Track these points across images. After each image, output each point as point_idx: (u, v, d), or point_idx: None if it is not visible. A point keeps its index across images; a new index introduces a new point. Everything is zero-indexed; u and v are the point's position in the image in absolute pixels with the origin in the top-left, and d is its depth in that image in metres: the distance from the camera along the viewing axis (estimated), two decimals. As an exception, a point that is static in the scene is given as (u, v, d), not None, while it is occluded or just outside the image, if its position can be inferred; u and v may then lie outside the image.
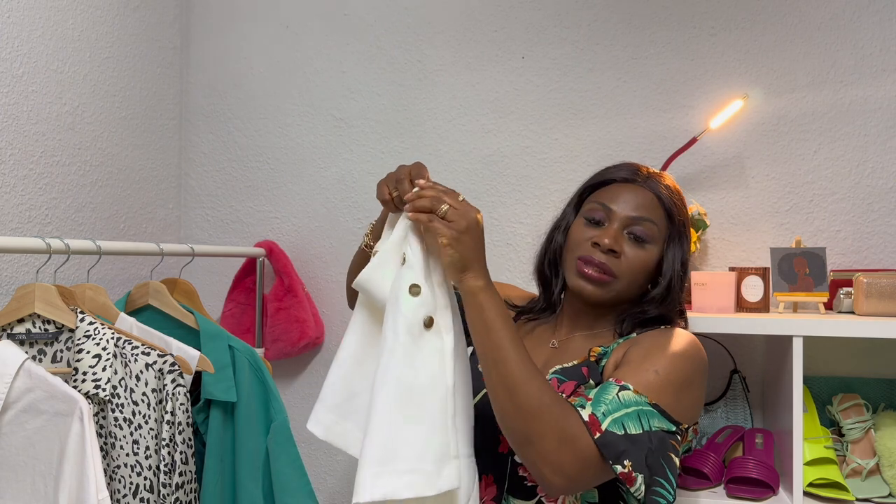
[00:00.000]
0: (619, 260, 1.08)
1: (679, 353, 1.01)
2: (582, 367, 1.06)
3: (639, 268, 1.09)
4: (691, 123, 1.78)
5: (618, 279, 1.08)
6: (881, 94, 1.70)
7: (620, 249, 1.08)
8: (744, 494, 1.46)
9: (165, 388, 1.26)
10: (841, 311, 1.55)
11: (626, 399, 0.94)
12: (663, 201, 1.11)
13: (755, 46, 1.77)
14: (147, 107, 1.97)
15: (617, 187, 1.13)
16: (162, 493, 1.23)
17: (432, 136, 1.96)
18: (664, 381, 0.97)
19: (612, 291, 1.09)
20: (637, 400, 0.94)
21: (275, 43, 2.08)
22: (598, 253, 1.08)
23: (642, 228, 1.09)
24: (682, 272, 1.12)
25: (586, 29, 1.87)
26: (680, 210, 1.13)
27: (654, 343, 1.03)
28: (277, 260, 1.97)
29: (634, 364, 0.99)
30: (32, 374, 1.12)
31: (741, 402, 1.69)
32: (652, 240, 1.09)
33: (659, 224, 1.10)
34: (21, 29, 1.55)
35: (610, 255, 1.08)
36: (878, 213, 1.70)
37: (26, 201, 1.56)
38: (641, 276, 1.10)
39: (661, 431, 0.94)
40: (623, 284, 1.09)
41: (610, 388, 0.96)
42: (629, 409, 0.93)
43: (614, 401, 0.94)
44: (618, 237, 1.08)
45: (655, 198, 1.11)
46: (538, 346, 1.16)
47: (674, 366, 0.99)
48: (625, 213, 1.10)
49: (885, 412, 1.56)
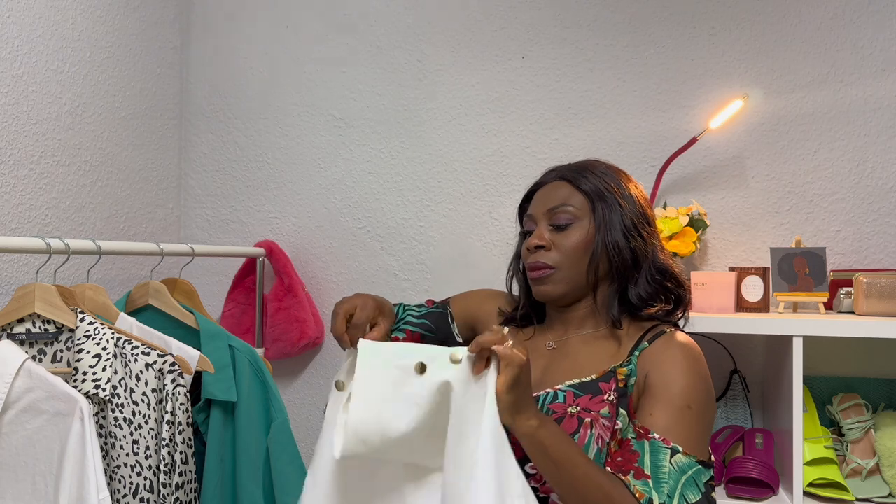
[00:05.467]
0: (549, 252, 1.11)
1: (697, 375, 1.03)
2: (600, 383, 1.06)
3: (571, 250, 1.11)
4: (691, 123, 1.78)
5: (557, 269, 1.11)
6: (881, 94, 1.70)
7: (546, 242, 1.12)
8: (744, 494, 1.46)
9: (165, 388, 1.26)
10: (841, 311, 1.55)
11: (680, 465, 0.96)
12: (571, 181, 1.14)
13: (755, 46, 1.77)
14: (147, 107, 1.97)
15: (535, 195, 1.19)
16: (162, 493, 1.23)
17: (432, 136, 1.96)
18: (696, 418, 1.00)
19: (559, 282, 1.11)
20: (689, 463, 0.97)
21: (275, 43, 2.07)
22: (531, 255, 1.13)
23: (558, 215, 1.12)
24: (626, 234, 1.10)
25: (586, 29, 1.87)
26: (598, 178, 1.13)
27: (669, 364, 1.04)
28: (277, 260, 1.97)
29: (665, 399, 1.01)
30: (33, 374, 1.12)
31: (741, 402, 1.69)
32: (574, 219, 1.12)
33: (574, 202, 1.12)
34: (21, 29, 1.55)
35: (540, 251, 1.12)
36: (878, 213, 1.70)
37: (26, 201, 1.56)
38: (580, 255, 1.11)
39: (708, 483, 0.98)
40: (566, 272, 1.11)
41: (661, 454, 0.97)
42: (685, 476, 0.96)
43: (672, 472, 0.96)
44: (541, 234, 1.13)
45: (562, 182, 1.15)
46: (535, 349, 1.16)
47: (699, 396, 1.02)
48: (540, 211, 1.14)
49: (885, 412, 1.56)
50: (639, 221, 1.12)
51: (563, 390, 1.06)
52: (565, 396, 1.05)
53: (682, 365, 1.03)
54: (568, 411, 1.03)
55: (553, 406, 1.04)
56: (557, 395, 1.05)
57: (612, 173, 1.16)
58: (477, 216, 1.93)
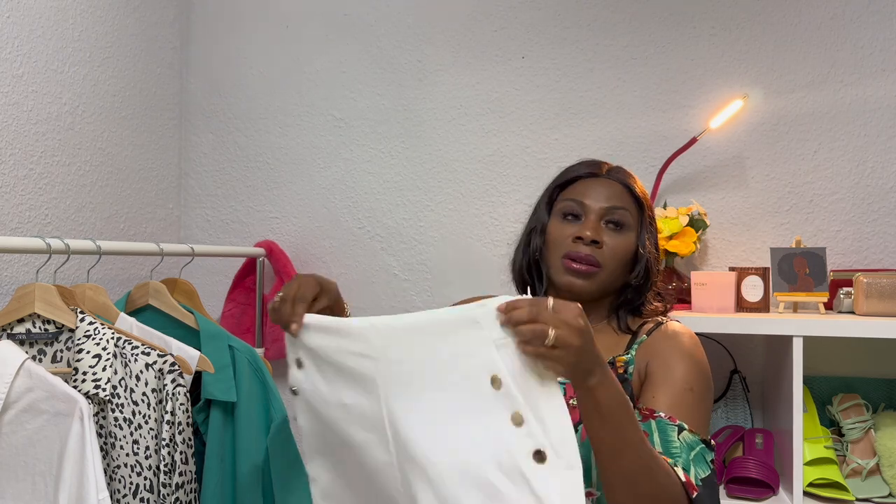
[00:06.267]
0: (602, 250, 1.11)
1: (695, 359, 1.06)
2: None
3: (621, 254, 1.12)
4: (691, 123, 1.78)
5: (603, 268, 1.11)
6: (881, 94, 1.70)
7: (602, 239, 1.11)
8: (744, 494, 1.46)
9: (165, 388, 1.26)
10: (841, 311, 1.55)
11: (689, 441, 0.98)
12: (631, 190, 1.16)
13: (755, 46, 1.77)
14: (147, 107, 1.96)
15: (584, 183, 1.17)
16: (162, 493, 1.23)
17: (432, 136, 1.96)
18: (698, 400, 1.02)
19: (598, 282, 1.12)
20: (695, 441, 0.98)
21: (275, 43, 2.07)
22: (582, 246, 1.11)
23: (618, 216, 1.13)
24: (657, 255, 1.17)
25: (586, 29, 1.87)
26: (646, 198, 1.18)
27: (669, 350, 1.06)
28: (277, 260, 1.97)
29: (667, 382, 1.02)
30: (32, 374, 1.12)
31: (741, 402, 1.69)
32: (628, 226, 1.14)
33: (631, 211, 1.14)
34: (21, 29, 1.55)
35: (593, 246, 1.11)
36: (878, 213, 1.70)
37: (26, 201, 1.56)
38: (623, 263, 1.14)
39: (711, 462, 0.99)
40: (607, 273, 1.12)
41: (669, 431, 0.99)
42: (695, 452, 0.97)
43: (682, 447, 0.97)
44: (597, 228, 1.12)
45: (623, 187, 1.16)
46: None
47: (699, 378, 1.04)
48: (599, 205, 1.13)
49: (885, 412, 1.56)
50: (657, 243, 1.19)
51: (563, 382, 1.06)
52: (565, 388, 1.05)
53: (680, 351, 1.06)
54: (570, 403, 1.03)
55: None
56: None
57: (647, 193, 1.20)
58: (477, 216, 1.93)
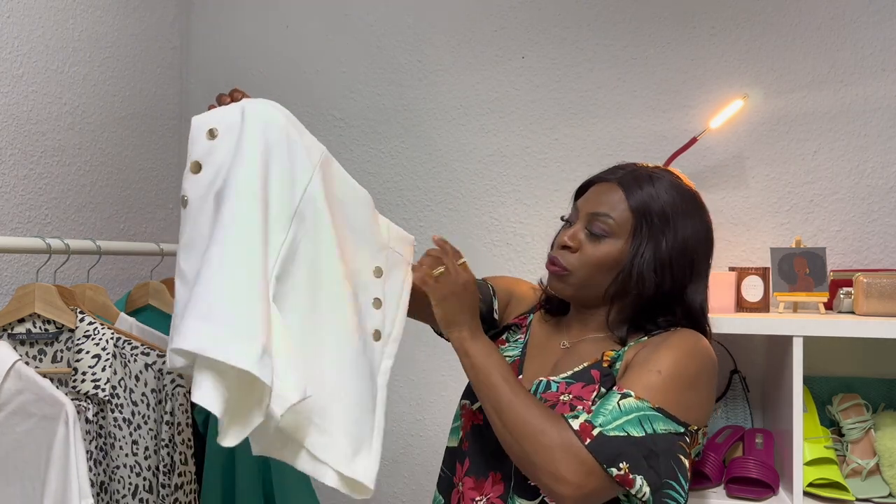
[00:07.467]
0: (572, 254, 1.09)
1: (683, 351, 1.01)
2: (591, 370, 1.06)
3: (594, 262, 1.07)
4: (691, 123, 1.78)
5: (571, 273, 1.08)
6: (881, 94, 1.70)
7: (576, 244, 1.09)
8: (744, 494, 1.46)
9: (165, 389, 1.26)
10: (841, 311, 1.55)
11: (627, 406, 0.95)
12: (625, 189, 1.08)
13: (755, 46, 1.77)
14: (147, 107, 1.97)
15: (592, 188, 1.14)
16: (161, 493, 1.23)
17: (432, 136, 1.96)
18: (667, 381, 0.97)
19: (570, 285, 1.10)
20: (638, 406, 0.95)
21: (275, 43, 2.07)
22: (559, 250, 1.11)
23: (598, 224, 1.08)
24: (657, 270, 1.04)
25: (586, 29, 1.87)
26: (657, 196, 1.06)
27: (659, 344, 1.03)
28: (277, 260, 1.97)
29: (639, 367, 1.00)
30: (23, 376, 1.10)
31: (741, 402, 1.69)
32: (610, 234, 1.07)
33: (618, 219, 1.06)
34: (21, 29, 1.55)
35: (564, 250, 1.10)
36: (878, 213, 1.70)
37: (26, 201, 1.56)
38: (601, 271, 1.07)
39: (668, 434, 0.94)
40: (577, 279, 1.08)
41: (611, 397, 0.97)
42: (630, 416, 0.94)
43: (615, 410, 0.94)
44: (576, 233, 1.10)
45: (617, 187, 1.09)
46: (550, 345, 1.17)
47: (677, 365, 0.99)
48: (585, 210, 1.11)
49: (885, 412, 1.56)
50: (678, 260, 1.05)
51: (557, 381, 1.07)
52: (558, 386, 1.06)
53: (668, 344, 1.02)
54: (560, 399, 1.04)
55: (546, 395, 1.05)
56: (551, 385, 1.07)
57: (678, 196, 1.08)
58: (477, 216, 1.93)
